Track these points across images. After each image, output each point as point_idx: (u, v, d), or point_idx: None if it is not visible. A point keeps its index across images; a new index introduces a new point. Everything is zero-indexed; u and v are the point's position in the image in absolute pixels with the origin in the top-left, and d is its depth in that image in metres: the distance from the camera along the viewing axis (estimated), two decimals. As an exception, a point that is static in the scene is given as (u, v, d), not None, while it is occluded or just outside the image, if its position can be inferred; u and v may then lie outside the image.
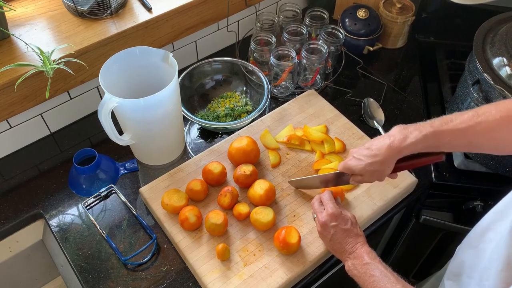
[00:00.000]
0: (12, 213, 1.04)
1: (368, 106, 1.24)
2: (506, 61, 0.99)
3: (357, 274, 0.84)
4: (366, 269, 0.82)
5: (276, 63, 1.20)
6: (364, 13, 1.35)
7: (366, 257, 0.84)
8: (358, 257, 0.85)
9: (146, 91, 0.97)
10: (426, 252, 1.38)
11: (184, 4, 1.14)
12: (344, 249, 0.88)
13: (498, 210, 0.77)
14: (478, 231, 0.81)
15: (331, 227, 0.89)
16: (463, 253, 0.85)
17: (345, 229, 0.88)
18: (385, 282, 0.79)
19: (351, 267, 0.85)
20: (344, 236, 0.88)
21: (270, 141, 1.12)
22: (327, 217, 0.89)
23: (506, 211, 0.74)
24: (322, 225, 0.90)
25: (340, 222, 0.89)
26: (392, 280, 0.79)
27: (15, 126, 1.10)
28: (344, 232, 0.88)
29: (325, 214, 0.90)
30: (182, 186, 1.02)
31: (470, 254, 0.81)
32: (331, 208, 0.90)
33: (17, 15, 1.09)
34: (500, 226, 0.73)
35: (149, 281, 0.93)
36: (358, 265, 0.84)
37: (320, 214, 0.91)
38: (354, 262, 0.85)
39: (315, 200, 0.94)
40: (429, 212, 1.19)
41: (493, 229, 0.76)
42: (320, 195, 0.94)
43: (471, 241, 0.83)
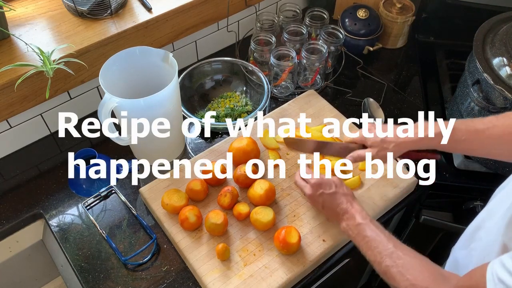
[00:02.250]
0: (12, 213, 1.04)
1: (368, 106, 1.24)
2: (506, 61, 0.99)
3: (352, 234, 0.86)
4: (359, 229, 0.84)
5: (276, 63, 1.20)
6: (364, 13, 1.35)
7: (358, 216, 0.86)
8: (351, 217, 0.87)
9: (146, 91, 0.97)
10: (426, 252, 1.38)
11: (184, 4, 1.14)
12: (337, 212, 0.90)
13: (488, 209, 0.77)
14: (469, 231, 0.81)
15: (319, 196, 0.92)
16: (456, 253, 0.85)
17: (331, 193, 0.91)
18: (378, 242, 0.80)
19: (346, 227, 0.87)
20: (333, 200, 0.90)
21: (270, 141, 1.12)
22: (311, 189, 0.93)
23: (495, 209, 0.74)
24: (310, 198, 0.94)
25: (325, 188, 0.91)
26: (384, 239, 0.80)
27: (15, 126, 1.10)
28: (331, 196, 0.91)
29: (309, 187, 0.94)
30: (182, 186, 1.02)
31: (462, 254, 0.81)
32: (312, 179, 0.93)
33: (17, 15, 1.09)
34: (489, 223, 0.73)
35: (149, 281, 0.93)
36: (351, 225, 0.86)
37: (305, 188, 0.95)
38: (348, 223, 0.87)
39: (297, 178, 0.98)
40: (429, 212, 1.19)
41: (483, 228, 0.76)
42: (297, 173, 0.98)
43: (463, 241, 0.83)
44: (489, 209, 0.77)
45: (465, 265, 0.79)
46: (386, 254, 0.77)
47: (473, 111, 1.08)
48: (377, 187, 1.04)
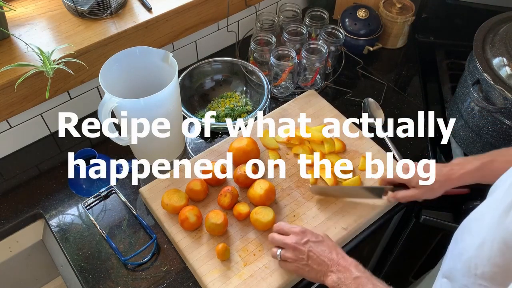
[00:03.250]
0: (12, 213, 1.04)
1: (368, 106, 1.24)
2: (506, 61, 0.99)
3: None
4: (358, 283, 0.75)
5: (276, 63, 1.20)
6: (364, 13, 1.35)
7: (354, 270, 0.77)
8: (344, 270, 0.77)
9: (146, 91, 0.97)
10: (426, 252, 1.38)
11: (184, 4, 1.14)
12: (324, 262, 0.80)
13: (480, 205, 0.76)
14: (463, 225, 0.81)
15: (304, 244, 0.82)
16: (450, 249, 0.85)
17: (318, 241, 0.83)
18: None
19: (337, 281, 0.77)
20: (320, 248, 0.81)
21: (270, 141, 1.12)
22: (297, 236, 0.83)
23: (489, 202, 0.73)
24: (294, 248, 0.82)
25: (310, 237, 0.83)
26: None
27: (15, 126, 1.10)
28: (319, 244, 0.82)
29: (292, 235, 0.84)
30: (182, 186, 1.02)
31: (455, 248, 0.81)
32: (296, 227, 0.85)
33: (17, 15, 1.09)
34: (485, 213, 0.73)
35: (149, 281, 0.93)
36: (346, 279, 0.76)
37: (287, 238, 0.84)
38: (340, 276, 0.77)
39: (272, 235, 0.88)
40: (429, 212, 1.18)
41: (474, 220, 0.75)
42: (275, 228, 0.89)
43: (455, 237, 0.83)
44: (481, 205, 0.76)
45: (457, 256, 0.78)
46: None
47: (473, 111, 1.08)
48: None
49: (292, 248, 0.83)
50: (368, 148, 1.11)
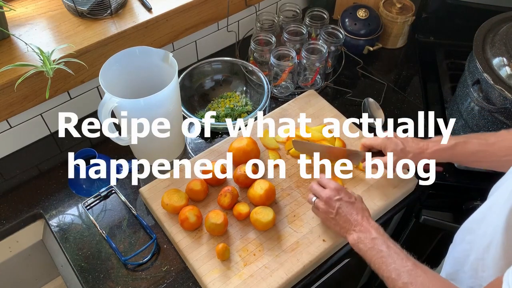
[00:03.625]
0: (12, 213, 1.04)
1: (368, 106, 1.24)
2: (506, 61, 0.99)
3: (363, 248, 0.83)
4: (374, 243, 0.81)
5: (276, 63, 1.20)
6: (364, 13, 1.35)
7: (374, 231, 0.83)
8: (365, 230, 0.84)
9: (146, 91, 0.97)
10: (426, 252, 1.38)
11: (184, 4, 1.14)
12: (349, 221, 0.87)
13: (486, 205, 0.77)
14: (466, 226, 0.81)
15: (336, 201, 0.89)
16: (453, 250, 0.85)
17: (350, 201, 0.89)
18: (395, 258, 0.77)
19: (357, 240, 0.84)
20: (349, 208, 0.88)
21: (270, 141, 1.12)
22: (331, 192, 0.90)
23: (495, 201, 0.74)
24: (326, 201, 0.90)
25: (344, 196, 0.89)
26: (402, 256, 0.77)
27: (15, 126, 1.10)
28: (349, 205, 0.88)
29: (328, 190, 0.91)
30: (182, 186, 1.02)
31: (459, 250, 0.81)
32: (334, 184, 0.91)
33: (17, 15, 1.09)
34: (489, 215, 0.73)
35: (149, 281, 0.93)
36: (365, 238, 0.83)
37: (323, 191, 0.91)
38: (361, 235, 0.84)
39: (313, 184, 0.95)
40: (429, 212, 1.19)
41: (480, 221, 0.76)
42: (317, 179, 0.96)
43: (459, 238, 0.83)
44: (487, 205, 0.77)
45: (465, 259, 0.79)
46: (404, 271, 0.74)
47: (473, 111, 1.08)
48: (377, 187, 1.04)
49: (325, 200, 0.90)
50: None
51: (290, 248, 0.94)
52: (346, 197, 0.90)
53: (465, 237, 0.79)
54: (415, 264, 0.75)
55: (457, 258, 0.82)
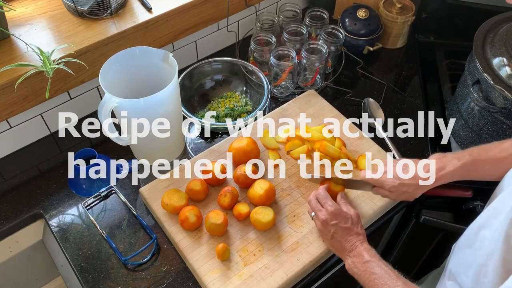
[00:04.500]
0: (12, 213, 1.04)
1: (368, 106, 1.24)
2: (506, 61, 0.99)
3: (358, 272, 0.84)
4: (367, 267, 0.83)
5: (276, 63, 1.20)
6: (364, 13, 1.35)
7: (366, 254, 0.84)
8: (358, 255, 0.85)
9: (146, 91, 0.97)
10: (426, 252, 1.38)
11: (184, 4, 1.14)
12: (344, 247, 0.88)
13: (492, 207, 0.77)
14: (473, 229, 0.81)
15: (332, 226, 0.89)
16: (459, 252, 0.85)
17: (345, 227, 0.88)
18: (386, 279, 0.79)
19: (351, 265, 0.86)
20: (344, 234, 0.88)
21: (270, 141, 1.12)
22: (328, 216, 0.89)
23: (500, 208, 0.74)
24: (323, 223, 0.90)
25: (340, 221, 0.89)
26: (393, 277, 0.79)
27: (15, 126, 1.10)
28: (344, 230, 0.88)
29: (325, 213, 0.90)
30: (182, 186, 1.02)
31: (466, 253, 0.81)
32: (331, 206, 0.90)
33: (17, 15, 1.09)
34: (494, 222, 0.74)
35: (149, 281, 0.93)
36: (358, 263, 0.85)
37: (320, 212, 0.91)
38: (354, 260, 0.85)
39: (312, 198, 0.94)
40: (429, 212, 1.18)
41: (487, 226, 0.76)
42: (315, 192, 0.95)
43: (466, 240, 0.83)
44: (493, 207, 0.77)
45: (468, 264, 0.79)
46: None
47: (473, 111, 1.08)
48: (377, 187, 1.04)
49: (321, 222, 0.90)
50: (368, 148, 1.11)
51: (290, 248, 0.94)
52: (342, 221, 0.88)
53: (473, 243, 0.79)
54: (405, 283, 0.78)
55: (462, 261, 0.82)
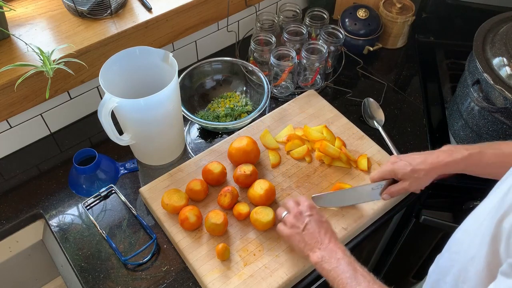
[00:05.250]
0: (12, 213, 1.04)
1: (368, 106, 1.24)
2: (506, 61, 0.99)
3: (327, 267, 0.79)
4: (339, 263, 0.78)
5: (276, 63, 1.20)
6: (364, 13, 1.35)
7: (341, 252, 0.80)
8: (331, 250, 0.81)
9: (146, 91, 0.97)
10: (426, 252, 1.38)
11: (184, 4, 1.14)
12: (315, 238, 0.83)
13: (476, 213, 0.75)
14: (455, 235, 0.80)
15: (306, 216, 0.86)
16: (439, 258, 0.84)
17: (320, 220, 0.86)
18: (360, 280, 0.75)
19: (321, 258, 0.81)
20: (318, 226, 0.85)
21: (270, 141, 1.12)
22: (304, 208, 0.88)
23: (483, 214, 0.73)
24: (296, 215, 0.87)
25: (315, 214, 0.87)
26: (368, 279, 0.75)
27: (15, 126, 1.10)
28: (319, 223, 0.86)
29: (301, 206, 0.89)
30: (182, 186, 1.02)
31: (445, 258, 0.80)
32: (309, 202, 0.90)
33: (17, 15, 1.09)
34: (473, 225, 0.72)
35: (149, 281, 0.93)
36: (330, 258, 0.80)
37: (295, 207, 0.89)
38: (325, 254, 0.81)
39: (289, 199, 0.92)
40: (429, 212, 1.19)
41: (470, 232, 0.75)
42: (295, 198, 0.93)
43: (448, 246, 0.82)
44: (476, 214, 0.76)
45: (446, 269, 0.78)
46: None
47: (473, 111, 1.08)
48: (377, 187, 1.04)
49: (295, 214, 0.88)
50: (368, 148, 1.11)
51: (290, 248, 0.94)
52: (318, 216, 0.87)
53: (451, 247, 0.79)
54: (381, 286, 0.74)
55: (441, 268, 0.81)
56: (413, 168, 0.89)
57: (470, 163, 0.86)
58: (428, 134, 1.20)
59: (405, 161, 0.91)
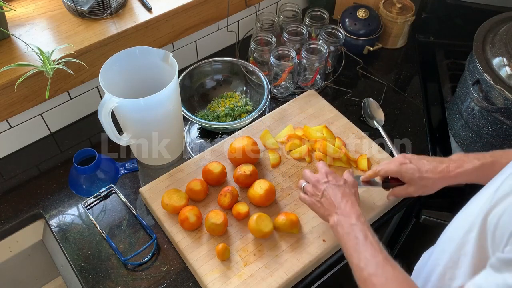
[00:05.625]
0: (12, 213, 1.04)
1: (368, 106, 1.24)
2: (506, 61, 0.99)
3: (340, 231, 0.80)
4: (352, 229, 0.79)
5: (276, 63, 1.20)
6: (364, 13, 1.35)
7: (355, 218, 0.80)
8: (347, 214, 0.81)
9: (146, 91, 0.97)
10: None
11: (184, 4, 1.14)
12: (333, 204, 0.84)
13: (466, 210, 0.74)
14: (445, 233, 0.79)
15: (323, 183, 0.87)
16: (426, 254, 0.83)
17: (337, 184, 0.87)
18: (368, 247, 0.75)
19: (336, 222, 0.82)
20: (335, 191, 0.85)
21: (270, 141, 1.12)
22: (320, 175, 0.89)
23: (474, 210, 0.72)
24: (314, 184, 0.89)
25: (332, 180, 0.88)
26: (376, 248, 0.75)
27: (15, 126, 1.10)
28: (336, 188, 0.86)
29: (318, 174, 0.89)
30: (182, 186, 1.02)
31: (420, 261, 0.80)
32: (325, 168, 0.90)
33: (17, 15, 1.09)
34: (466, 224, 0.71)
35: (149, 281, 0.93)
36: (344, 222, 0.80)
37: (313, 176, 0.90)
38: (341, 218, 0.81)
39: (306, 170, 0.94)
40: (429, 212, 1.18)
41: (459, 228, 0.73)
42: None
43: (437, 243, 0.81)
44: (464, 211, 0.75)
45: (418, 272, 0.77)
46: (374, 262, 0.72)
47: (473, 111, 1.08)
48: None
49: (313, 183, 0.90)
50: (368, 148, 1.11)
51: (290, 248, 0.94)
52: (334, 180, 0.88)
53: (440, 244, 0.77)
54: (386, 259, 0.73)
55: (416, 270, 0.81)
56: (421, 175, 0.87)
57: (482, 174, 0.83)
58: (428, 134, 1.20)
59: (413, 166, 0.88)
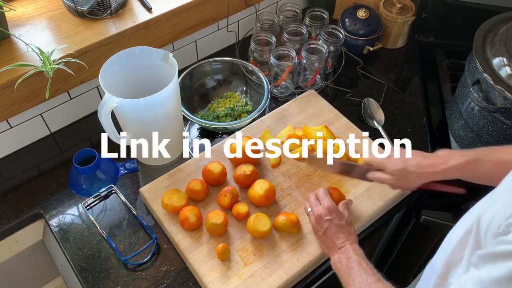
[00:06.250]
0: (12, 213, 1.04)
1: (368, 106, 1.24)
2: (506, 61, 0.99)
3: (339, 267, 0.85)
4: (348, 262, 0.84)
5: (276, 63, 1.20)
6: (364, 13, 1.35)
7: (352, 252, 0.85)
8: (345, 252, 0.86)
9: (146, 91, 0.97)
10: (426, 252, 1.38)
11: (184, 4, 1.14)
12: (334, 244, 0.88)
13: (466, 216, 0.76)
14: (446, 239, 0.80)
15: (326, 221, 0.89)
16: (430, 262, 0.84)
17: (339, 224, 0.89)
18: (362, 273, 0.80)
19: (336, 260, 0.86)
20: (336, 231, 0.88)
21: (270, 141, 1.12)
22: (323, 211, 0.90)
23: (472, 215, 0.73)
24: (317, 218, 0.91)
25: (334, 217, 0.89)
26: (369, 273, 0.80)
27: (15, 126, 1.10)
28: (337, 227, 0.89)
29: (321, 208, 0.91)
30: (182, 186, 1.02)
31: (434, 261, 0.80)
32: (328, 202, 0.91)
33: (17, 15, 1.09)
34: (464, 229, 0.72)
35: (149, 281, 0.93)
36: (343, 258, 0.85)
37: (316, 207, 0.92)
38: (340, 256, 0.86)
39: (311, 195, 0.95)
40: (429, 212, 1.18)
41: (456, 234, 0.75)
42: (316, 192, 0.95)
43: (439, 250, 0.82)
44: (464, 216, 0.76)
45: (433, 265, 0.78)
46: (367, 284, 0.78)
47: (473, 111, 1.08)
48: (377, 187, 1.04)
49: (316, 217, 0.91)
50: (368, 148, 1.11)
51: (290, 248, 0.94)
52: (337, 219, 0.89)
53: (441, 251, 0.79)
54: (379, 279, 0.78)
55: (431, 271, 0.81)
56: (405, 168, 0.88)
57: (466, 170, 0.84)
58: (428, 134, 1.20)
59: (399, 157, 0.90)
